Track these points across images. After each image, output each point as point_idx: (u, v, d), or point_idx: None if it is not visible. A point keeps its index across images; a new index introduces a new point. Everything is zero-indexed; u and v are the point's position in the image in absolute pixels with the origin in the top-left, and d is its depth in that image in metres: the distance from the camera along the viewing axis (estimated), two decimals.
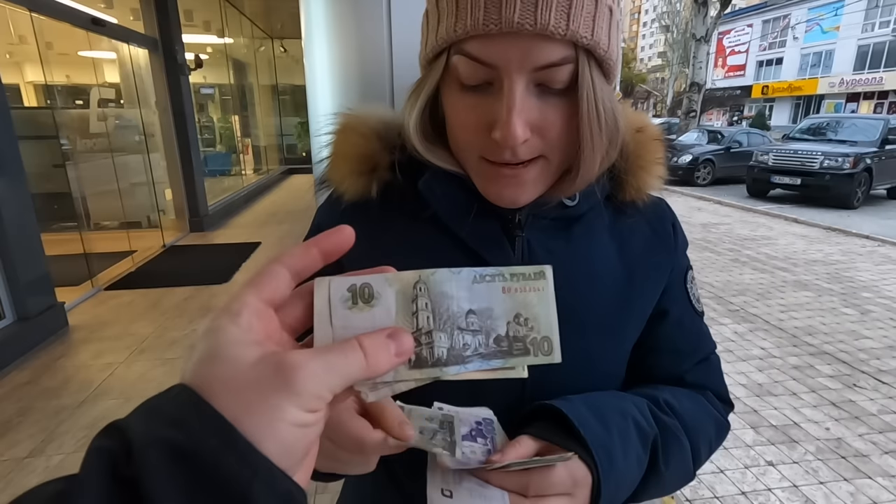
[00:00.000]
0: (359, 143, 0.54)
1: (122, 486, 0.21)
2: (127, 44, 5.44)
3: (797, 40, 28.48)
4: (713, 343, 0.63)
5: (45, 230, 3.53)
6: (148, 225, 5.92)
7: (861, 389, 2.96)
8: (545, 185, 0.49)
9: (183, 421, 0.22)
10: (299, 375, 0.24)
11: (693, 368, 0.60)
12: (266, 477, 0.22)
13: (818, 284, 4.81)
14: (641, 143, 0.55)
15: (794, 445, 2.45)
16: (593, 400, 0.49)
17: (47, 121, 4.39)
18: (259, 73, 11.48)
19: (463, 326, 0.31)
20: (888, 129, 8.68)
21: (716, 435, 0.59)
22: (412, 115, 0.50)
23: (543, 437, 0.44)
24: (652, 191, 0.57)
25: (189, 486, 0.21)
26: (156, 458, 0.21)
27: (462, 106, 0.47)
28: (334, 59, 1.74)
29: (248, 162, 10.49)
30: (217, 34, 8.84)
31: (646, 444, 0.49)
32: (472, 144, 0.47)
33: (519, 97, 0.43)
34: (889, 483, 2.20)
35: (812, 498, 2.11)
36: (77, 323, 3.55)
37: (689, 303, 0.60)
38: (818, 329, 3.79)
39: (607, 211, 0.56)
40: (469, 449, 0.42)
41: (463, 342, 0.31)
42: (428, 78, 0.49)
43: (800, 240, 6.59)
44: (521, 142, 0.43)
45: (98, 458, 0.22)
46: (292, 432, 0.24)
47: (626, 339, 0.57)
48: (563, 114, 0.45)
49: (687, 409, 0.55)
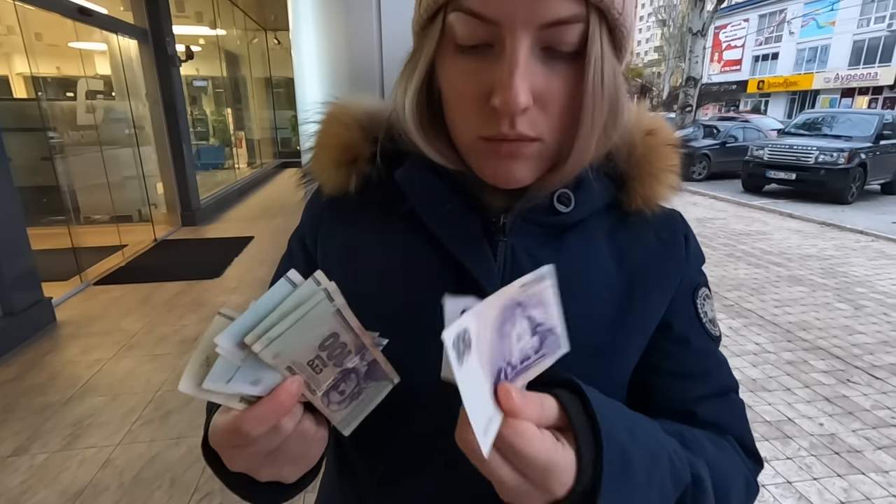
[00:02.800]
0: (341, 134, 0.50)
1: None
2: (116, 34, 5.34)
3: (793, 35, 28.50)
4: (733, 379, 0.53)
5: (32, 224, 3.47)
6: (139, 219, 5.86)
7: (855, 385, 2.96)
8: (542, 167, 0.44)
9: None
10: None
11: (706, 400, 0.50)
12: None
13: (812, 279, 4.82)
14: (652, 148, 0.50)
15: (788, 441, 2.44)
16: (624, 407, 0.40)
17: (33, 112, 4.32)
18: (252, 65, 11.35)
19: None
20: (883, 124, 8.70)
21: (745, 492, 0.48)
22: (407, 95, 0.44)
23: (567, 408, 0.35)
24: (662, 200, 0.51)
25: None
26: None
27: (459, 72, 0.41)
28: (322, 49, 1.69)
29: (241, 155, 10.40)
30: (209, 25, 8.72)
31: (677, 486, 0.40)
32: (470, 121, 0.42)
33: (523, 57, 0.38)
34: (882, 479, 2.20)
35: (806, 494, 2.10)
36: (65, 318, 3.50)
37: (699, 321, 0.52)
38: (812, 324, 3.79)
39: (609, 220, 0.50)
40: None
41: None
42: (422, 47, 0.43)
43: (794, 235, 6.60)
44: (522, 108, 0.38)
45: None
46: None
47: (625, 362, 0.50)
48: (569, 84, 0.40)
49: (712, 456, 0.45)
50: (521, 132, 0.40)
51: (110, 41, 5.45)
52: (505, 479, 0.32)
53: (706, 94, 29.35)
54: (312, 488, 1.96)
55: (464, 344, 0.28)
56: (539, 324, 0.34)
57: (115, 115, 5.74)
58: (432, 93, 0.46)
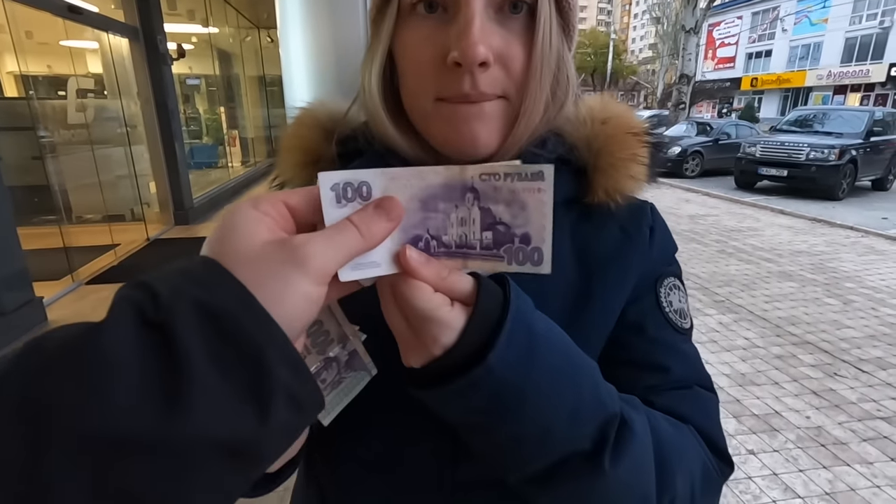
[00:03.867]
0: (303, 136, 0.53)
1: (149, 328, 0.23)
2: (106, 33, 5.31)
3: (786, 32, 28.64)
4: (703, 374, 0.51)
5: (23, 224, 3.45)
6: (131, 218, 5.83)
7: (842, 378, 3.00)
8: (504, 131, 0.44)
9: (207, 283, 0.25)
10: (305, 251, 0.27)
11: (664, 391, 0.47)
12: (279, 344, 0.25)
13: (802, 275, 4.87)
14: (611, 137, 0.48)
15: (775, 434, 2.48)
16: (557, 328, 0.38)
17: (24, 111, 4.29)
18: (245, 63, 11.30)
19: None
20: (873, 120, 8.77)
21: (701, 478, 0.44)
22: (372, 75, 0.46)
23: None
24: (626, 192, 0.49)
25: (212, 341, 0.23)
26: (184, 309, 0.23)
27: (415, 39, 0.42)
28: (310, 49, 1.70)
29: (234, 154, 10.37)
30: (201, 23, 8.67)
31: (597, 409, 0.37)
32: (427, 83, 0.42)
33: (479, 12, 0.39)
34: (866, 470, 2.23)
35: (791, 485, 2.14)
36: (56, 318, 3.49)
37: (660, 310, 0.50)
38: (801, 319, 3.83)
39: (570, 214, 0.50)
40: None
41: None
42: (381, 28, 0.44)
43: (785, 231, 6.66)
44: (481, 58, 0.38)
45: (127, 303, 0.24)
46: (300, 304, 0.26)
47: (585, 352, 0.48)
48: (526, 45, 0.42)
49: (661, 425, 0.42)
50: (483, 91, 0.40)
51: (101, 39, 5.42)
52: (395, 325, 0.35)
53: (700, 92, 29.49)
54: (286, 489, 1.94)
55: (353, 191, 0.30)
56: (500, 222, 0.32)
57: (106, 114, 5.71)
58: (393, 80, 0.47)
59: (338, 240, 0.28)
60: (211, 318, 0.23)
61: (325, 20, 1.57)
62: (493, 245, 0.32)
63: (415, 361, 0.35)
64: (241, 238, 0.27)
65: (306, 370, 0.26)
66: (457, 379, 0.32)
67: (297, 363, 0.25)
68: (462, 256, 0.32)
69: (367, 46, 0.48)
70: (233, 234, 0.27)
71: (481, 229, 0.32)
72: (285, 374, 0.24)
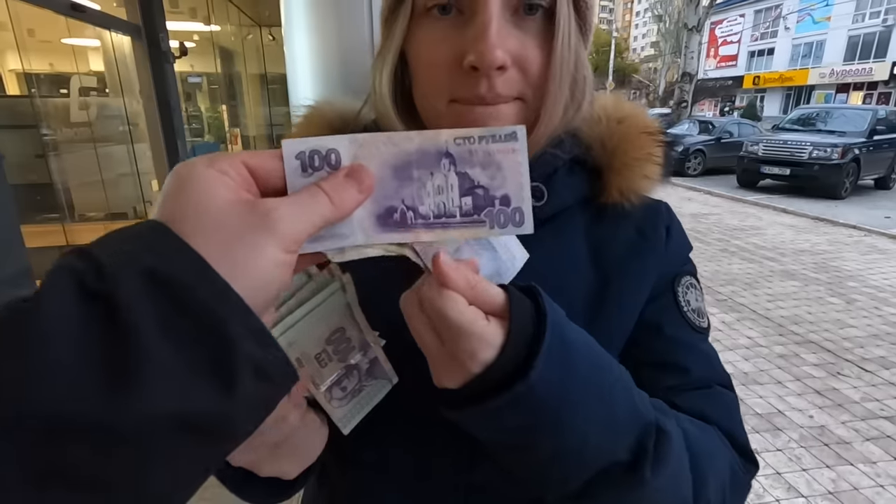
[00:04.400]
0: (312, 135, 0.52)
1: (90, 299, 0.21)
2: (109, 31, 5.31)
3: (789, 31, 28.53)
4: (722, 374, 0.50)
5: (26, 222, 3.45)
6: (134, 216, 5.82)
7: (845, 377, 3.00)
8: None
9: (157, 249, 0.22)
10: (275, 215, 0.25)
11: (684, 392, 0.47)
12: (241, 313, 0.23)
13: (805, 274, 4.86)
14: (626, 137, 0.48)
15: (778, 433, 2.48)
16: (589, 337, 0.37)
17: (26, 109, 4.30)
18: (247, 61, 11.29)
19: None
20: (876, 119, 8.74)
21: (730, 479, 0.44)
22: (383, 76, 0.45)
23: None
24: (641, 191, 0.48)
25: (165, 313, 0.21)
26: (131, 277, 0.21)
27: (430, 40, 0.41)
28: (314, 46, 1.69)
29: None
30: (203, 21, 8.66)
31: (633, 420, 0.36)
32: (441, 85, 0.41)
33: (495, 14, 0.38)
34: (870, 469, 2.23)
35: (794, 485, 2.14)
36: None
37: (678, 309, 0.49)
38: (804, 318, 3.83)
39: (585, 214, 0.49)
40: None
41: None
42: (394, 29, 0.44)
43: (788, 230, 6.64)
44: (499, 63, 0.38)
45: (63, 273, 0.21)
46: (269, 271, 0.24)
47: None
48: (544, 47, 0.41)
49: (690, 429, 0.42)
50: (499, 93, 0.40)
51: (103, 37, 5.42)
52: (426, 342, 0.32)
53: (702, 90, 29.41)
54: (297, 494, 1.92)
55: (321, 159, 0.29)
56: (479, 186, 0.30)
57: (108, 112, 5.71)
58: (405, 82, 0.46)
59: (310, 206, 0.27)
60: (163, 286, 0.21)
61: (330, 18, 1.56)
62: (473, 210, 0.31)
63: (450, 381, 0.33)
64: (198, 198, 0.24)
65: (272, 340, 0.25)
66: (496, 398, 0.31)
67: (261, 332, 0.24)
68: (442, 227, 0.31)
69: (378, 47, 0.47)
70: (187, 194, 0.24)
71: (460, 195, 0.30)
72: (249, 346, 0.23)
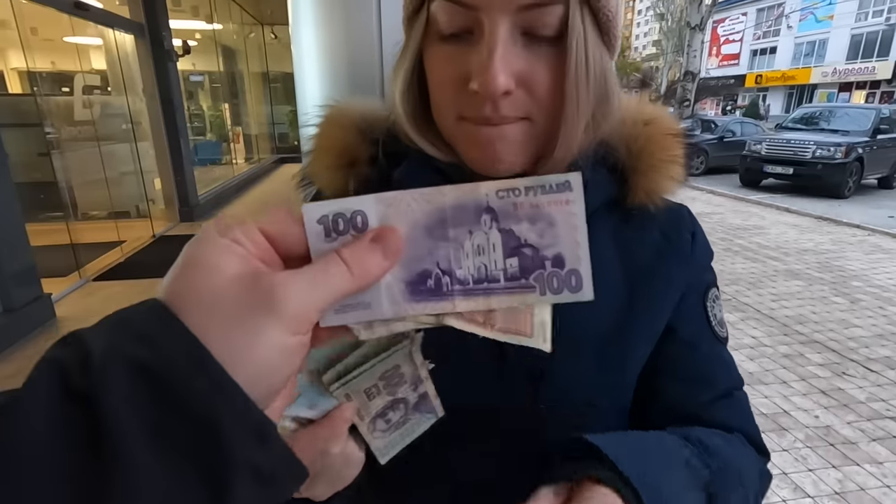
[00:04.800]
0: (337, 136, 0.51)
1: (71, 400, 0.18)
2: (112, 29, 5.31)
3: (791, 29, 28.46)
4: (738, 377, 0.53)
5: (30, 220, 3.46)
6: (137, 215, 5.84)
7: (850, 377, 2.99)
8: (529, 151, 0.43)
9: (150, 337, 0.20)
10: (280, 293, 0.22)
11: (712, 405, 0.50)
12: (238, 406, 0.20)
13: (809, 274, 4.85)
14: (652, 139, 0.48)
15: (784, 433, 2.47)
16: (627, 436, 0.41)
17: (30, 108, 4.29)
18: (249, 60, 11.29)
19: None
20: (880, 118, 8.71)
21: (759, 487, 0.49)
22: (398, 86, 0.45)
23: (569, 477, 0.36)
24: (666, 193, 0.49)
25: (151, 409, 0.19)
26: (117, 373, 0.19)
27: (440, 59, 0.42)
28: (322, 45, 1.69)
29: (238, 151, 10.36)
30: (205, 20, 8.66)
31: (698, 487, 0.41)
32: (450, 103, 0.42)
33: (501, 40, 0.38)
34: (876, 469, 2.23)
35: (801, 485, 2.13)
36: (64, 314, 3.50)
37: (708, 325, 0.51)
38: (808, 318, 3.82)
39: (612, 217, 0.49)
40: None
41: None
42: (410, 39, 0.44)
43: (791, 229, 6.63)
44: (501, 91, 0.38)
45: (48, 368, 0.19)
46: (271, 358, 0.22)
47: (631, 364, 0.49)
48: (553, 67, 0.40)
49: (726, 453, 0.45)
50: (504, 115, 0.40)
51: (106, 36, 5.42)
52: None
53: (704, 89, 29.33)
54: None
55: (346, 223, 0.26)
56: (526, 244, 0.27)
57: (111, 111, 5.72)
58: (423, 86, 0.46)
59: (322, 279, 0.24)
60: (150, 381, 0.19)
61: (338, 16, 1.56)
62: (521, 274, 0.27)
63: None
64: (201, 272, 0.22)
65: (275, 436, 0.22)
66: None
67: (261, 429, 0.21)
68: (483, 293, 0.27)
69: (398, 52, 0.47)
70: (193, 268, 0.22)
71: (504, 256, 0.27)
72: (247, 446, 0.20)
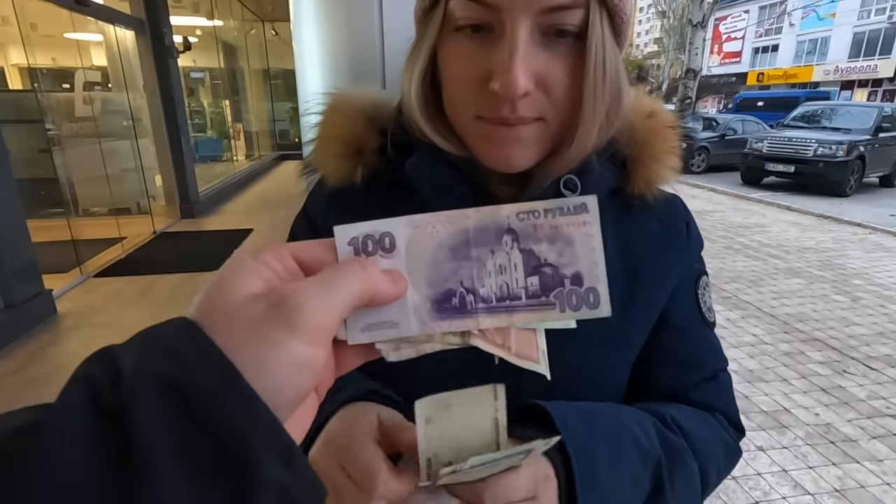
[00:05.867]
0: (343, 125, 0.50)
1: (102, 417, 0.18)
2: (112, 25, 5.30)
3: (793, 27, 28.35)
4: (724, 359, 0.57)
5: (31, 216, 3.46)
6: (138, 211, 5.84)
7: (850, 375, 2.99)
8: (542, 150, 0.44)
9: (178, 354, 0.20)
10: (293, 301, 0.22)
11: (699, 385, 0.54)
12: (266, 426, 0.20)
13: (810, 272, 4.84)
14: (653, 131, 0.50)
15: (784, 431, 2.47)
16: (584, 405, 0.44)
17: (31, 104, 4.29)
18: (250, 56, 11.27)
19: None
20: (882, 116, 8.69)
21: (725, 460, 0.53)
22: (412, 81, 0.45)
23: (520, 437, 0.39)
24: (664, 183, 0.51)
25: (180, 427, 0.18)
26: (146, 390, 0.19)
27: (459, 56, 0.42)
28: (323, 40, 1.68)
29: (239, 147, 10.36)
30: (206, 16, 8.65)
31: (646, 464, 0.44)
32: (467, 101, 0.42)
33: (523, 42, 0.38)
34: (876, 467, 2.23)
35: (801, 482, 2.14)
36: (65, 310, 3.51)
37: (699, 311, 0.54)
38: (809, 316, 3.82)
39: (612, 206, 0.51)
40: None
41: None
42: (425, 34, 0.44)
43: (792, 227, 6.62)
44: (521, 93, 0.38)
45: (80, 386, 0.19)
46: (288, 373, 0.21)
47: (630, 348, 0.52)
48: (571, 69, 0.40)
49: (696, 430, 0.50)
50: (521, 115, 0.40)
51: (107, 32, 5.41)
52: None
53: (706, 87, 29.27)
54: None
55: (374, 244, 0.27)
56: (546, 264, 0.28)
57: (112, 107, 5.71)
58: (436, 80, 0.46)
59: (337, 280, 0.23)
60: (179, 398, 0.19)
61: (339, 11, 1.56)
62: (541, 291, 0.28)
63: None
64: (226, 290, 0.22)
65: (301, 459, 0.21)
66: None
67: (288, 451, 0.21)
68: (506, 311, 0.28)
69: (410, 47, 0.47)
70: (220, 287, 0.22)
71: (525, 275, 0.28)
72: (275, 468, 0.20)
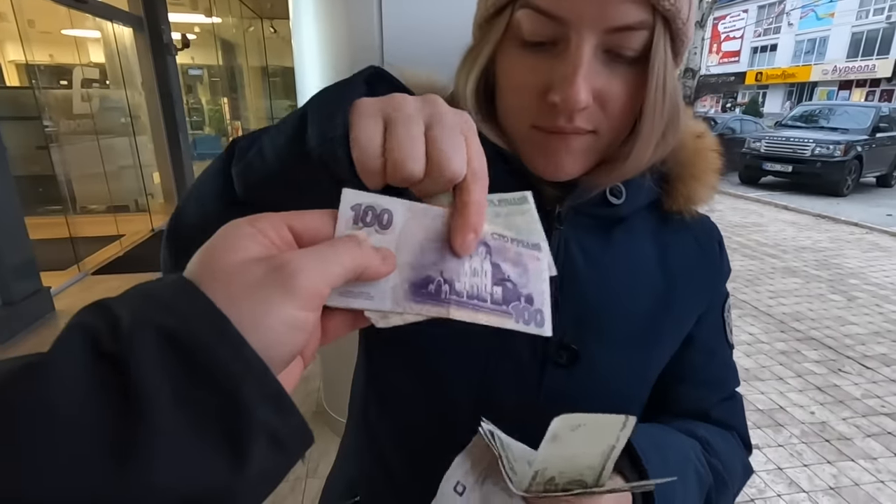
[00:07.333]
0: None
1: (102, 362, 0.19)
2: (110, 22, 5.28)
3: (792, 27, 28.38)
4: (738, 378, 0.59)
5: (29, 214, 3.46)
6: (136, 209, 5.83)
7: (846, 374, 3.01)
8: (590, 162, 0.45)
9: (176, 307, 0.21)
10: (292, 267, 0.23)
11: (719, 405, 0.56)
12: (257, 374, 0.21)
13: (806, 271, 4.86)
14: (699, 151, 0.51)
15: (780, 429, 2.49)
16: (653, 433, 0.46)
17: (28, 101, 4.28)
18: (248, 54, 11.24)
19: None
20: (879, 116, 8.71)
21: (742, 477, 0.56)
22: (468, 83, 0.46)
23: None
24: (702, 203, 0.52)
25: (178, 373, 0.19)
26: (145, 339, 0.19)
27: (520, 66, 0.42)
28: (323, 38, 1.69)
29: None
30: (205, 13, 8.62)
31: (702, 492, 0.48)
32: (525, 110, 0.43)
33: (587, 58, 0.38)
34: (871, 465, 2.25)
35: (796, 480, 2.15)
36: (64, 308, 3.50)
37: (724, 333, 0.56)
38: (805, 315, 3.84)
39: (653, 219, 0.52)
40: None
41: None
42: (486, 39, 0.44)
43: (790, 227, 6.64)
44: (582, 107, 0.39)
45: (79, 331, 0.20)
46: (279, 332, 0.22)
47: (656, 359, 0.52)
48: (629, 87, 0.41)
49: (724, 451, 0.53)
50: (577, 126, 0.41)
51: (105, 29, 5.39)
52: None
53: (704, 86, 29.29)
54: (313, 473, 1.97)
55: (373, 216, 0.29)
56: (508, 279, 0.32)
57: (110, 104, 5.70)
58: (489, 83, 0.47)
59: (331, 254, 0.24)
60: (178, 348, 0.20)
61: (339, 11, 1.56)
62: (502, 301, 0.31)
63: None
64: (222, 251, 0.23)
65: (290, 403, 0.22)
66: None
67: (279, 397, 0.22)
68: (473, 308, 0.31)
69: (467, 49, 0.48)
70: (217, 249, 0.23)
71: (492, 283, 0.31)
72: (266, 412, 0.21)
